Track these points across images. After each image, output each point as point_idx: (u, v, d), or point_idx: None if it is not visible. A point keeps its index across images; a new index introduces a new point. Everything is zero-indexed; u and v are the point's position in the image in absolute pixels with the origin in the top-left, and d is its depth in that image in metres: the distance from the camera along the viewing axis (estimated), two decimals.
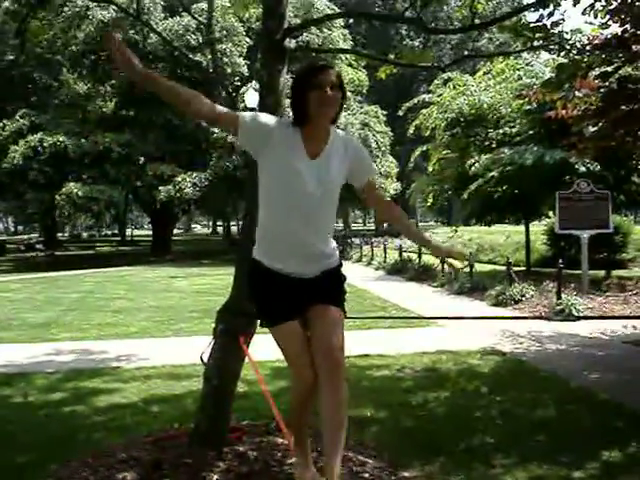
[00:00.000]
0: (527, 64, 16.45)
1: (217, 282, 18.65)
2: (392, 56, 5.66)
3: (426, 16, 46.94)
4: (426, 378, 7.05)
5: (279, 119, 3.18)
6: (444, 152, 19.63)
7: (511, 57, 15.25)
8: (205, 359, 4.43)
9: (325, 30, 32.49)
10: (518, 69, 16.57)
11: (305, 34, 31.63)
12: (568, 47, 5.92)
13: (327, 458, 3.11)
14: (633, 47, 6.72)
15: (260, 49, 4.96)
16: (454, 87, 18.65)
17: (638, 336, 9.37)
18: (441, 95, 18.82)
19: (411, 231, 3.67)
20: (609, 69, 6.66)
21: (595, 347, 8.67)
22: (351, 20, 47.24)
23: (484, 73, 18.52)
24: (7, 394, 6.75)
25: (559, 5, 5.55)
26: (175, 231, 44.94)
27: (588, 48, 6.42)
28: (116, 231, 68.76)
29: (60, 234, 56.01)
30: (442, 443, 4.95)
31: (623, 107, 7.21)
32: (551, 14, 5.63)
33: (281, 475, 4.09)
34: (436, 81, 20.70)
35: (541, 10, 5.60)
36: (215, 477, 4.02)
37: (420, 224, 60.20)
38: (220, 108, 3.09)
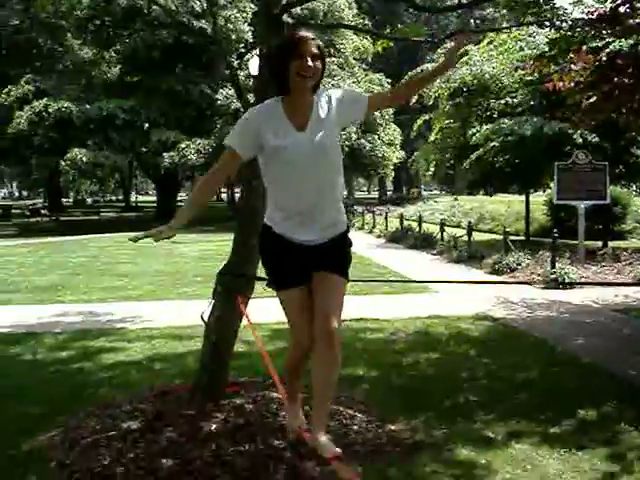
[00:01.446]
0: (529, 35, 16.50)
1: (220, 248, 18.87)
2: (387, 31, 5.83)
3: None
4: (418, 341, 7.35)
5: (257, 109, 3.21)
6: (446, 121, 19.76)
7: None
8: (205, 318, 4.71)
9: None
10: (520, 40, 16.62)
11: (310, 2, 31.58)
12: (559, 23, 6.11)
13: (315, 420, 3.19)
14: (628, 22, 6.89)
15: (259, 23, 5.15)
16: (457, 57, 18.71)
17: (627, 304, 9.65)
18: None
19: (430, 75, 3.75)
20: (600, 44, 6.84)
21: (585, 314, 8.94)
22: None
23: (487, 43, 18.57)
24: (18, 352, 7.07)
25: None
26: (180, 197, 45.08)
27: (580, 24, 6.61)
28: (120, 197, 68.90)
29: (64, 199, 56.20)
30: (428, 401, 5.25)
31: (615, 80, 7.38)
32: None
33: (275, 425, 4.40)
34: (440, 50, 20.73)
35: None
36: (213, 426, 4.33)
37: (424, 192, 60.26)
38: (223, 165, 3.22)
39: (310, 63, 3.02)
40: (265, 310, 6.46)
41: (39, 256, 17.88)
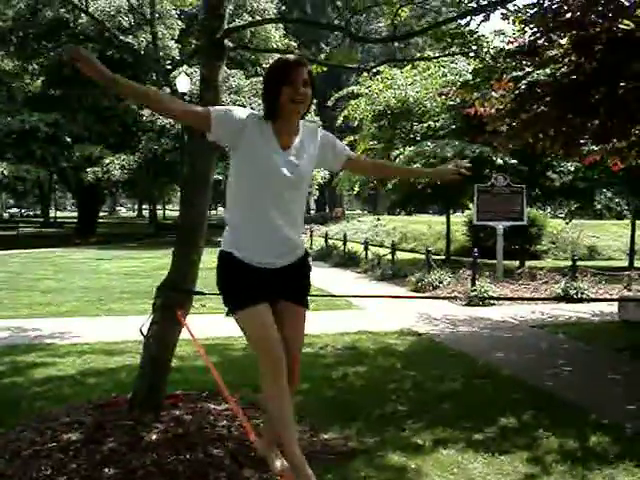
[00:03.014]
0: (452, 62, 17.11)
1: (144, 265, 18.86)
2: (323, 56, 6.10)
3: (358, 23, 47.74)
4: (346, 355, 7.59)
5: (250, 113, 3.21)
6: (371, 143, 20.22)
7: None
8: (144, 331, 4.83)
9: (258, 17, 32.72)
10: (443, 66, 17.24)
11: (238, 20, 31.82)
12: (482, 54, 6.50)
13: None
14: (546, 53, 7.34)
15: (201, 47, 5.33)
16: (382, 80, 19.20)
17: (543, 320, 10.15)
18: (370, 87, 19.36)
19: (412, 171, 3.89)
20: (520, 74, 7.26)
21: (504, 330, 9.37)
22: (283, 7, 47.56)
23: (411, 68, 19.14)
24: None
25: (474, 17, 6.11)
26: (100, 213, 44.39)
27: (502, 54, 7.03)
28: (38, 212, 67.27)
29: None
30: (359, 411, 5.48)
31: (534, 107, 7.82)
32: (467, 24, 6.18)
33: (213, 435, 4.54)
34: (365, 74, 21.22)
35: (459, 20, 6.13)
36: (154, 436, 4.44)
37: (347, 212, 60.90)
38: (192, 107, 3.20)
39: (302, 89, 3.09)
40: (194, 327, 6.57)
41: None
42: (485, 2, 6.53)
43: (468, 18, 5.88)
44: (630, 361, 7.58)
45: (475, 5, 6.42)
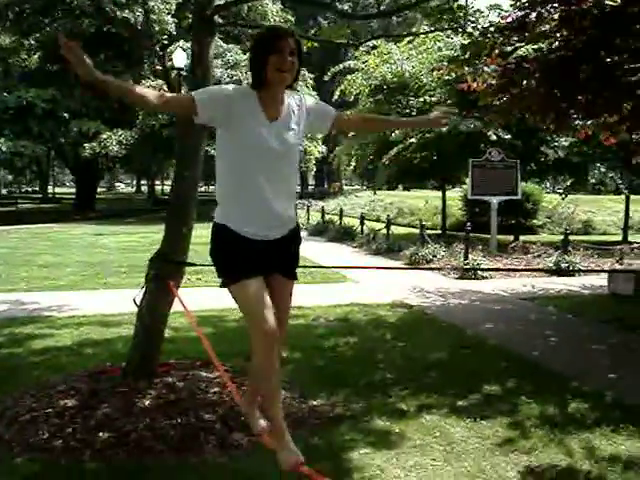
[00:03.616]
0: (447, 36, 17.11)
1: (142, 240, 18.95)
2: (312, 32, 6.18)
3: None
4: (338, 326, 7.75)
5: (234, 88, 3.21)
6: None
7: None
8: (138, 302, 4.98)
9: None
10: (438, 40, 17.25)
11: None
12: (470, 29, 6.58)
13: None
14: (535, 29, 7.42)
15: (192, 23, 5.42)
16: (379, 55, 19.20)
17: (533, 293, 10.30)
18: (366, 62, 19.36)
19: (401, 122, 3.84)
20: (508, 49, 7.35)
21: (494, 302, 9.53)
22: None
23: (407, 42, 19.12)
24: None
25: None
26: (98, 189, 44.47)
27: (490, 30, 7.11)
28: (36, 188, 67.27)
29: None
30: (347, 379, 5.64)
31: (524, 83, 7.91)
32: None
33: (205, 401, 4.71)
34: (362, 48, 21.20)
35: None
36: (147, 402, 4.61)
37: (345, 187, 60.87)
38: (174, 97, 3.28)
39: (289, 58, 3.09)
40: (188, 299, 6.73)
41: None
42: None
43: None
44: (616, 332, 7.74)
45: None
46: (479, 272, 11.76)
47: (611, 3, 5.97)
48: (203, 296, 8.50)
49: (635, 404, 5.11)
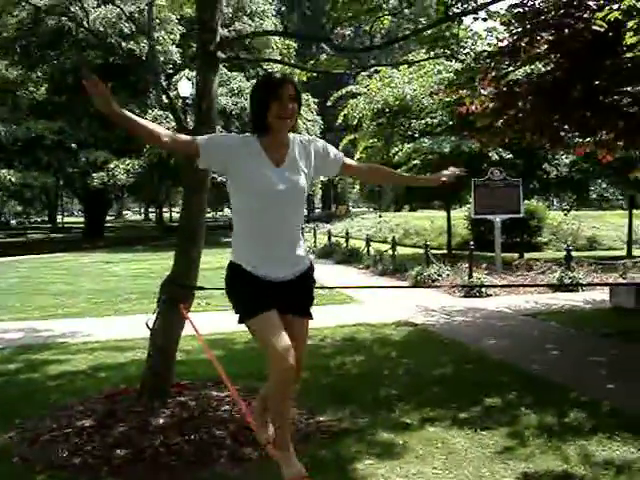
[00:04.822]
0: (446, 59, 17.41)
1: (152, 267, 19.23)
2: (311, 62, 6.46)
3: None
4: (344, 346, 7.96)
5: (237, 136, 3.36)
6: (370, 141, 20.57)
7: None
8: (150, 325, 5.21)
9: (257, 19, 33.16)
10: (438, 64, 17.56)
11: (237, 23, 32.23)
12: (463, 56, 6.86)
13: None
14: (527, 53, 7.69)
15: (196, 58, 5.70)
16: (380, 79, 19.54)
17: (537, 309, 10.49)
18: (368, 86, 19.69)
19: (405, 179, 3.97)
20: (500, 74, 7.61)
21: (498, 319, 9.72)
22: (283, 8, 48.11)
23: (408, 66, 19.45)
24: None
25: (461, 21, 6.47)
26: (107, 217, 44.92)
27: (483, 56, 7.39)
28: (45, 218, 67.85)
29: None
30: (353, 395, 5.85)
31: (519, 104, 8.17)
32: (448, 27, 6.52)
33: (217, 418, 4.92)
34: (363, 73, 21.55)
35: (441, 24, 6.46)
36: (161, 420, 4.82)
37: (352, 209, 61.15)
38: (181, 138, 3.32)
39: (289, 105, 3.22)
40: (201, 324, 6.95)
41: None
42: (466, 6, 6.84)
43: (448, 23, 6.19)
44: (616, 344, 7.93)
45: (458, 10, 6.73)
46: (483, 290, 11.96)
47: (597, 28, 6.21)
48: (212, 320, 8.73)
49: (631, 412, 5.30)
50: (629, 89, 6.93)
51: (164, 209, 58.77)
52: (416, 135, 18.48)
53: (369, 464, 4.36)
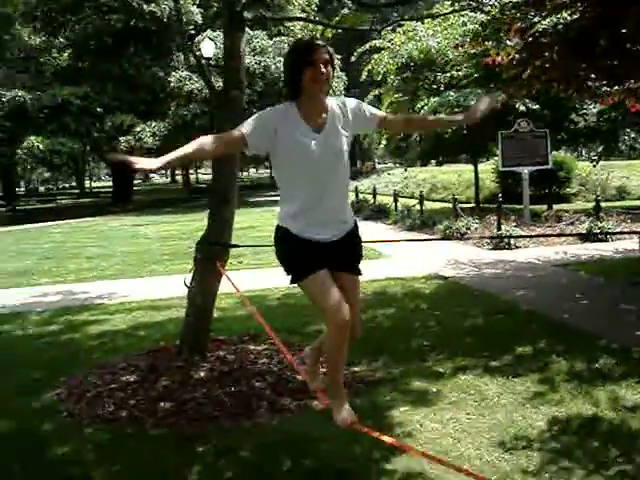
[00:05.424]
0: (471, 10, 17.20)
1: (181, 228, 19.50)
2: (336, 19, 6.47)
3: None
4: (375, 300, 8.09)
5: (274, 110, 3.33)
6: (395, 95, 20.46)
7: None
8: (188, 283, 5.37)
9: None
10: (462, 15, 17.34)
11: None
12: (488, 7, 6.83)
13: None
14: (548, 4, 7.62)
15: (222, 20, 5.75)
16: (404, 32, 19.36)
17: (566, 260, 10.52)
18: (392, 40, 19.53)
19: (441, 122, 3.71)
20: (525, 25, 7.56)
21: (527, 270, 9.78)
22: None
23: (432, 19, 19.23)
24: (7, 329, 7.62)
25: None
26: (134, 181, 45.17)
27: (508, 7, 7.34)
28: (73, 183, 68.50)
29: (17, 189, 55.79)
30: (386, 347, 5.99)
31: (545, 55, 8.12)
32: None
33: (255, 371, 5.10)
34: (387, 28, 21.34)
35: None
36: (202, 374, 5.01)
37: (378, 165, 60.93)
38: (226, 137, 3.32)
39: (323, 69, 3.20)
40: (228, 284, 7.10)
41: (6, 244, 18.24)
42: None
43: None
44: None
45: None
46: (512, 242, 12.00)
47: None
48: (245, 278, 8.88)
49: None
50: None
51: (190, 171, 58.97)
52: (441, 88, 18.35)
53: (404, 411, 4.51)
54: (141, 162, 2.93)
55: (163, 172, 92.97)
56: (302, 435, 4.21)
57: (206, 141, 3.20)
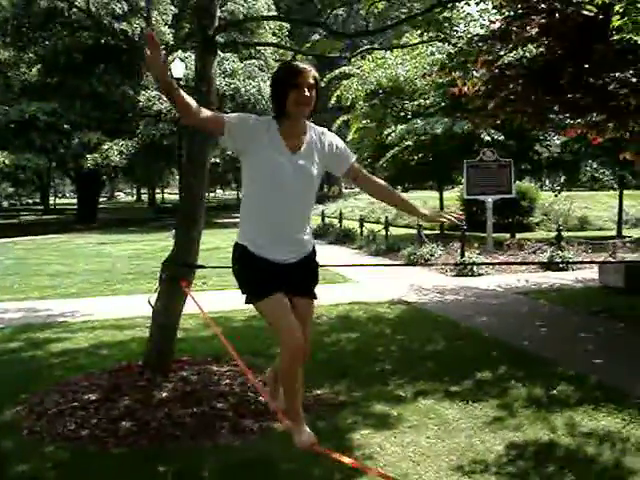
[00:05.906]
0: (439, 42, 17.47)
1: (146, 247, 19.41)
2: (307, 45, 6.58)
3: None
4: (339, 323, 8.15)
5: (261, 119, 3.39)
6: (364, 121, 20.67)
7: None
8: (152, 302, 5.38)
9: (250, 0, 33.08)
10: (431, 45, 17.62)
11: (230, 3, 32.15)
12: (455, 39, 7.00)
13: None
14: (518, 36, 7.82)
15: (194, 42, 5.82)
16: (373, 60, 19.60)
17: (527, 288, 10.70)
18: (361, 67, 19.77)
19: (405, 205, 3.64)
20: (491, 58, 7.75)
21: (489, 297, 9.93)
22: None
23: (401, 48, 19.49)
24: None
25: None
26: (99, 199, 44.83)
27: (475, 39, 7.53)
28: (37, 199, 67.70)
29: None
30: (348, 370, 6.04)
31: (510, 87, 8.31)
32: (441, 11, 6.64)
33: (217, 392, 5.11)
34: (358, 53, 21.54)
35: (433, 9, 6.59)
36: (164, 394, 5.01)
37: (345, 190, 61.17)
38: (209, 113, 3.35)
39: (307, 93, 3.29)
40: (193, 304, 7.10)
41: None
42: None
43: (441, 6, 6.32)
44: (603, 322, 8.14)
45: None
46: (475, 269, 12.17)
47: (587, 13, 6.35)
48: (210, 299, 8.88)
49: (617, 385, 5.51)
50: (617, 74, 7.07)
51: (156, 190, 58.72)
52: (409, 116, 18.58)
53: (365, 434, 4.56)
54: (157, 58, 2.98)
55: (129, 191, 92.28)
56: (263, 456, 4.24)
57: (195, 104, 3.25)
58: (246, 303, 3.46)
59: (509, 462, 4.08)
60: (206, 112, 3.33)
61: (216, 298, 9.45)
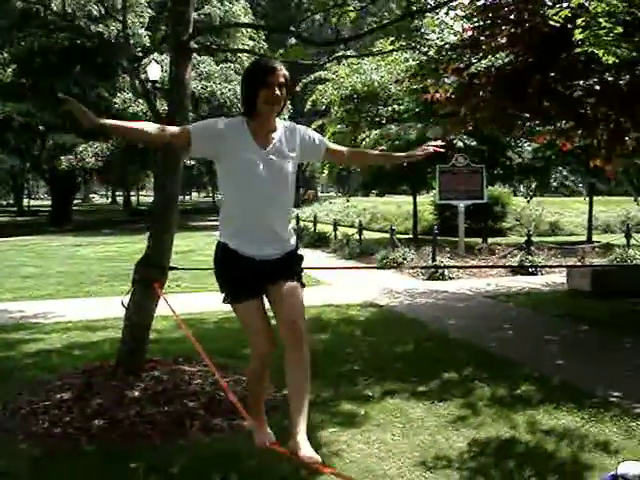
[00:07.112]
0: (410, 48, 17.67)
1: (120, 249, 19.40)
2: (280, 52, 6.68)
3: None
4: (311, 325, 8.20)
5: (227, 121, 3.40)
6: (338, 126, 20.81)
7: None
8: (125, 303, 5.46)
9: (227, 3, 33.14)
10: (405, 52, 17.81)
11: (207, 7, 32.19)
12: (426, 48, 7.16)
13: (295, 424, 3.27)
14: (487, 45, 8.01)
15: (169, 49, 5.92)
16: (348, 65, 19.75)
17: (496, 292, 10.89)
18: (336, 72, 19.91)
19: (388, 157, 3.97)
20: (461, 66, 7.93)
21: (459, 300, 10.11)
22: None
23: (373, 56, 19.65)
24: None
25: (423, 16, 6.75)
26: (74, 201, 44.60)
27: (445, 48, 7.70)
28: (10, 201, 67.12)
29: None
30: (318, 371, 6.04)
31: (480, 94, 8.49)
32: (411, 21, 6.79)
33: (189, 391, 5.21)
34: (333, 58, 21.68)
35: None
36: (136, 393, 5.09)
37: (321, 194, 61.39)
38: (171, 129, 3.37)
39: (277, 92, 3.28)
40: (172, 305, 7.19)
41: None
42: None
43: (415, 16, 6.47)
44: (569, 325, 8.34)
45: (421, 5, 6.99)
46: (446, 273, 12.34)
47: (553, 24, 6.52)
48: (182, 301, 8.96)
49: (577, 385, 5.70)
50: (581, 82, 7.28)
51: (131, 193, 58.47)
52: (383, 121, 18.74)
53: (332, 432, 4.69)
54: (87, 115, 3.02)
55: (103, 193, 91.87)
56: (231, 453, 4.35)
57: (151, 126, 3.29)
58: (223, 302, 3.50)
59: (471, 458, 4.23)
60: (169, 129, 3.37)
61: (190, 300, 9.53)
